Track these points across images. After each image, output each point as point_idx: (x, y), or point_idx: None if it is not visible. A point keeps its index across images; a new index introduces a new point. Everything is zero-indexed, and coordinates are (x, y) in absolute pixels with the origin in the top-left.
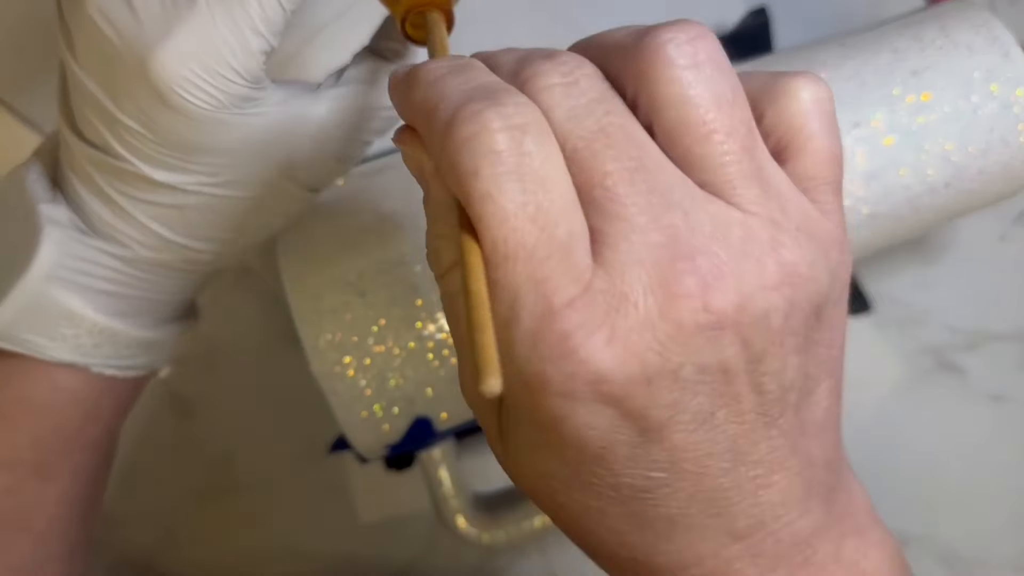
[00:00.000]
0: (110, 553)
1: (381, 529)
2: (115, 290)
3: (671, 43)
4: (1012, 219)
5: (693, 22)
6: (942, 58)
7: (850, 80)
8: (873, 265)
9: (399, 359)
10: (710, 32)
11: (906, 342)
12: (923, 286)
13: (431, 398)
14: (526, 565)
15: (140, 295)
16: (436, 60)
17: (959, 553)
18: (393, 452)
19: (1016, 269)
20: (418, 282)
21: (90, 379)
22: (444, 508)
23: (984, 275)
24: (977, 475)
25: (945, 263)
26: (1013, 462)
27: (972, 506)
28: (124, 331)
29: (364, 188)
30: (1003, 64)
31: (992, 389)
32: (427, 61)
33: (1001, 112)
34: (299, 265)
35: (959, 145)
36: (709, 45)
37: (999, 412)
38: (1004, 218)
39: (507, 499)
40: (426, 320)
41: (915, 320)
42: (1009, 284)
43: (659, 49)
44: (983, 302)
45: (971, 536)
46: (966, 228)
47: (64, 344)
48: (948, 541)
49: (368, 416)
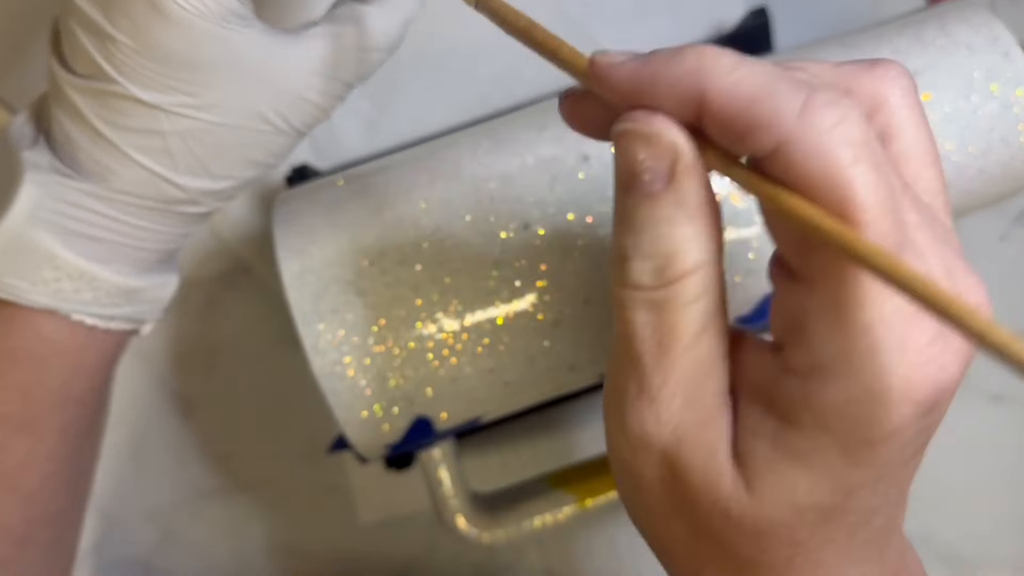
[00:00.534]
0: (110, 553)
1: (381, 529)
2: (97, 234)
3: (904, 75)
4: (1012, 219)
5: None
6: (942, 58)
7: None
8: None
9: (399, 359)
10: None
11: None
12: None
13: (431, 398)
14: (525, 564)
15: (122, 241)
16: (681, 50)
17: (959, 553)
18: (393, 452)
19: (1016, 269)
20: (418, 282)
21: (72, 328)
22: (444, 508)
23: (984, 275)
24: (977, 475)
25: None
26: (1013, 462)
27: (972, 506)
28: (104, 276)
29: (364, 188)
30: (1003, 64)
31: (992, 389)
32: (668, 50)
33: (1001, 112)
34: (299, 264)
35: (959, 145)
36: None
37: (999, 412)
38: (1004, 218)
39: (507, 499)
40: (426, 320)
41: None
42: (1009, 284)
43: (898, 79)
44: None
45: (971, 536)
46: (966, 228)
47: (45, 288)
48: (948, 541)
49: (368, 416)
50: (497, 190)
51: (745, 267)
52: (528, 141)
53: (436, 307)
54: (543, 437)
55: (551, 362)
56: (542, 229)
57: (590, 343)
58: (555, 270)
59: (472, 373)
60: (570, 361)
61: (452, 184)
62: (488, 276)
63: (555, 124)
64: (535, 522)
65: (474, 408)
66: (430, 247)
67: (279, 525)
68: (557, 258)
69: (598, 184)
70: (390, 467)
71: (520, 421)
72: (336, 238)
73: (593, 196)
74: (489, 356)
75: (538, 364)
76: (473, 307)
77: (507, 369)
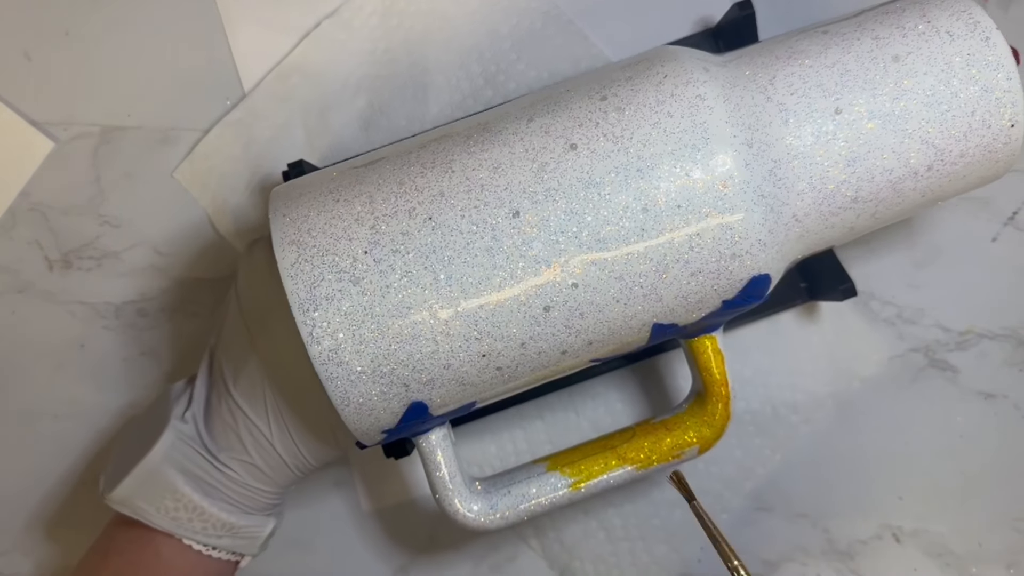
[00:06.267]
0: None
1: (383, 518)
2: (212, 483)
3: None
4: (1003, 221)
5: None
6: (923, 44)
7: (832, 67)
8: (867, 266)
9: (393, 345)
10: None
11: (899, 341)
12: (916, 286)
13: (425, 383)
14: (523, 548)
15: (229, 495)
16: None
17: (951, 548)
18: (390, 437)
19: (1007, 270)
20: (411, 269)
21: (184, 552)
22: (442, 492)
23: (975, 276)
24: (968, 471)
25: (937, 264)
26: (1004, 458)
27: (964, 502)
28: (212, 512)
29: (358, 179)
30: (984, 49)
31: (983, 387)
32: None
33: (982, 96)
34: (295, 253)
35: (940, 129)
36: None
37: (990, 409)
38: (995, 220)
39: (504, 482)
40: (420, 306)
41: (908, 319)
42: (1000, 284)
43: None
44: (974, 302)
45: (963, 532)
46: (958, 230)
47: (165, 515)
48: (940, 537)
49: (364, 400)
50: (487, 179)
51: (730, 250)
52: (517, 131)
53: (429, 294)
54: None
55: (542, 346)
56: (531, 216)
57: (581, 328)
58: (545, 256)
59: (465, 358)
60: (561, 345)
61: (443, 174)
62: (479, 263)
63: (542, 115)
64: (532, 505)
65: (468, 392)
66: (423, 235)
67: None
68: (546, 244)
69: (584, 171)
70: (389, 455)
71: (516, 408)
72: (331, 227)
73: (579, 183)
74: (481, 342)
75: (530, 349)
76: (465, 293)
77: (499, 354)
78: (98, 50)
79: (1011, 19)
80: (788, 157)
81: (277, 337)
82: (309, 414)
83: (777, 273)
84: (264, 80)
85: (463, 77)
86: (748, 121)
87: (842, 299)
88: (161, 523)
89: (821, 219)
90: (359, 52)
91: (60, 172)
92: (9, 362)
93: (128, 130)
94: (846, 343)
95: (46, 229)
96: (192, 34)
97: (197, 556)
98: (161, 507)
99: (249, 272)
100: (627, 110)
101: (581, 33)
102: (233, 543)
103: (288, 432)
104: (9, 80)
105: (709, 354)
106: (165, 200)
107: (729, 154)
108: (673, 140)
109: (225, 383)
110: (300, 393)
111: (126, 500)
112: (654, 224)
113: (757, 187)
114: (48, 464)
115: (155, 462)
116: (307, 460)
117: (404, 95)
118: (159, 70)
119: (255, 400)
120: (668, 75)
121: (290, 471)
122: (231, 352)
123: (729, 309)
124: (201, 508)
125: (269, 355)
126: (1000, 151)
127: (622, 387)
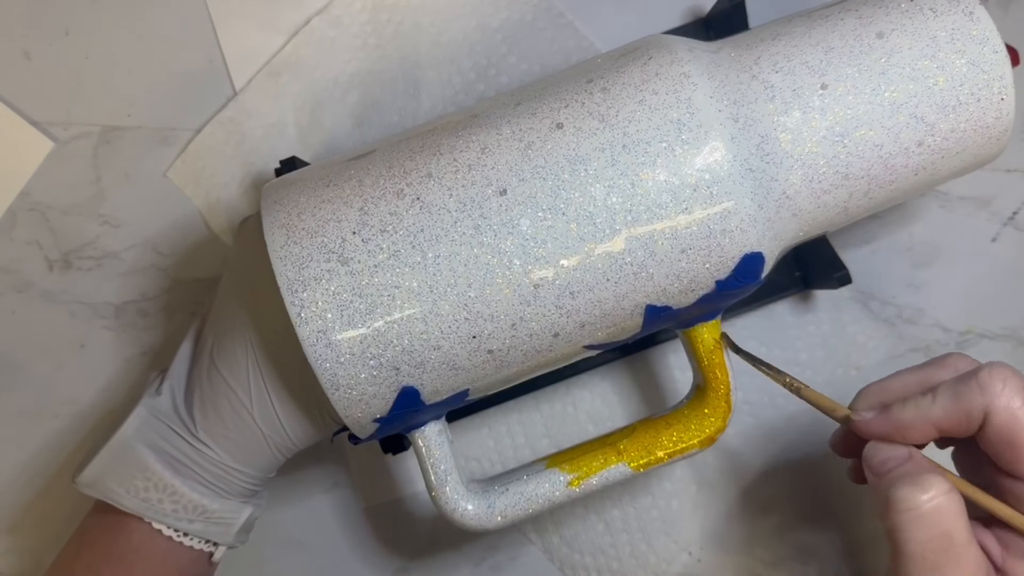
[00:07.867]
0: None
1: (383, 518)
2: (185, 462)
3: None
4: (1003, 221)
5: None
6: (906, 20)
7: (817, 45)
8: (867, 265)
9: (383, 326)
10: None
11: (899, 341)
12: (916, 286)
13: (415, 366)
14: (523, 544)
15: (202, 475)
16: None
17: None
18: (383, 426)
19: (1007, 270)
20: (400, 250)
21: (153, 538)
22: (439, 491)
23: (975, 276)
24: None
25: (937, 264)
26: None
27: None
28: (184, 491)
29: (348, 167)
30: (967, 23)
31: None
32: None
33: (969, 69)
34: (283, 235)
35: (929, 102)
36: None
37: None
38: (995, 220)
39: (503, 480)
40: (408, 287)
41: (907, 319)
42: (1000, 285)
43: (1008, 380)
44: (974, 302)
45: None
46: (958, 230)
47: (135, 496)
48: None
49: (353, 384)
50: (475, 159)
51: (719, 226)
52: (504, 115)
53: (418, 273)
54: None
55: (533, 328)
56: (518, 193)
57: (572, 308)
58: (533, 234)
59: (456, 340)
60: (553, 327)
61: (431, 156)
62: (467, 242)
63: (529, 99)
64: (529, 505)
65: (460, 378)
66: (411, 216)
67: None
68: (533, 222)
69: (570, 148)
70: (386, 451)
71: (514, 402)
72: (320, 210)
73: (566, 160)
74: (471, 322)
75: (520, 330)
76: (454, 272)
77: (490, 336)
78: (98, 50)
79: (1011, 19)
80: (775, 132)
81: (267, 307)
82: (294, 385)
83: (771, 253)
84: (255, 78)
85: (454, 71)
86: (733, 97)
87: (837, 287)
88: (130, 504)
89: (813, 197)
90: (350, 48)
91: (60, 172)
92: (9, 362)
93: (128, 130)
94: (845, 343)
95: (46, 229)
96: (182, 33)
97: (168, 543)
98: (131, 487)
99: (242, 245)
100: (612, 90)
101: (572, 26)
102: (205, 529)
103: (271, 403)
104: (9, 80)
105: (708, 346)
106: (165, 200)
107: (715, 128)
108: (658, 116)
109: (210, 354)
110: (287, 364)
111: (95, 481)
112: (641, 200)
113: (744, 161)
114: (48, 464)
115: (125, 437)
116: (288, 436)
117: (395, 90)
118: (158, 70)
119: (237, 368)
120: (653, 56)
121: (268, 449)
122: (220, 322)
123: (724, 291)
124: (172, 487)
125: (259, 323)
126: (992, 126)
127: (619, 381)
